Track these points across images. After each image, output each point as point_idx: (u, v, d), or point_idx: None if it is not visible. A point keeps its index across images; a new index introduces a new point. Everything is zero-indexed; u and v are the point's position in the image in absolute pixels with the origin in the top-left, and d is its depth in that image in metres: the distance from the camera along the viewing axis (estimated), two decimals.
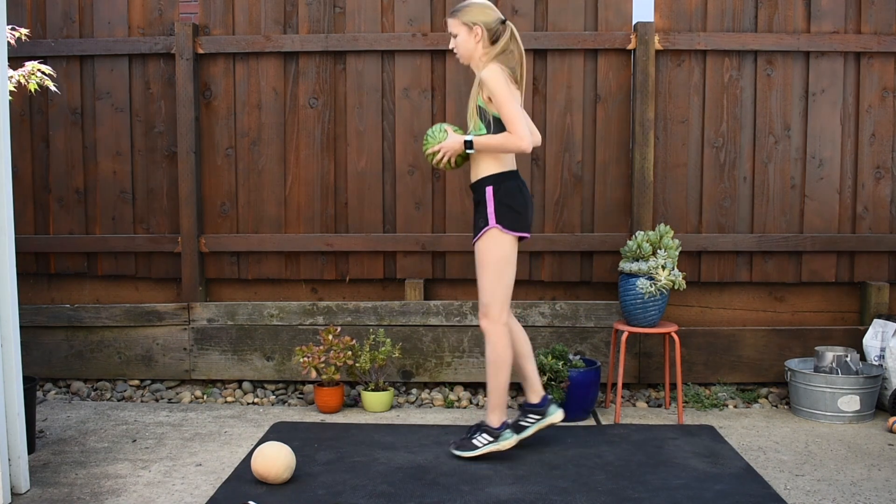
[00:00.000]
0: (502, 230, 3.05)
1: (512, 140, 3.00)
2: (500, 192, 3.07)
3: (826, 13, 4.04)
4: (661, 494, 2.79)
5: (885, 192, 4.10)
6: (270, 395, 4.13)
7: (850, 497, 2.81)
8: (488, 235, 3.07)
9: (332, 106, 4.18)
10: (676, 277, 3.61)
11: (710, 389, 4.06)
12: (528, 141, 2.99)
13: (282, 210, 4.23)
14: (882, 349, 3.86)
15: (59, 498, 2.79)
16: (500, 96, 2.98)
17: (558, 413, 3.28)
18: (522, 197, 3.12)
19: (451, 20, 3.12)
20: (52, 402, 4.05)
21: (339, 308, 4.13)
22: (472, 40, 3.09)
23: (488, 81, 2.99)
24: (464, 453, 3.14)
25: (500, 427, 3.15)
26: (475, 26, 3.07)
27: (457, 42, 3.12)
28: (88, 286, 4.39)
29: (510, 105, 2.98)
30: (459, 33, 3.10)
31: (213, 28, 4.19)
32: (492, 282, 3.08)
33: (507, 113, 2.98)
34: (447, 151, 3.13)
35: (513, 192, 3.09)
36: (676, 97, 4.09)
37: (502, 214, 3.05)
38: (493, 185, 3.08)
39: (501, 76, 3.00)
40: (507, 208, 3.06)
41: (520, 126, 2.98)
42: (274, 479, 2.86)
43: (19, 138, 4.26)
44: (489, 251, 3.08)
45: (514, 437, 3.16)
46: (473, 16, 3.08)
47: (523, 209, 3.11)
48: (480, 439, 3.14)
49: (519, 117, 2.99)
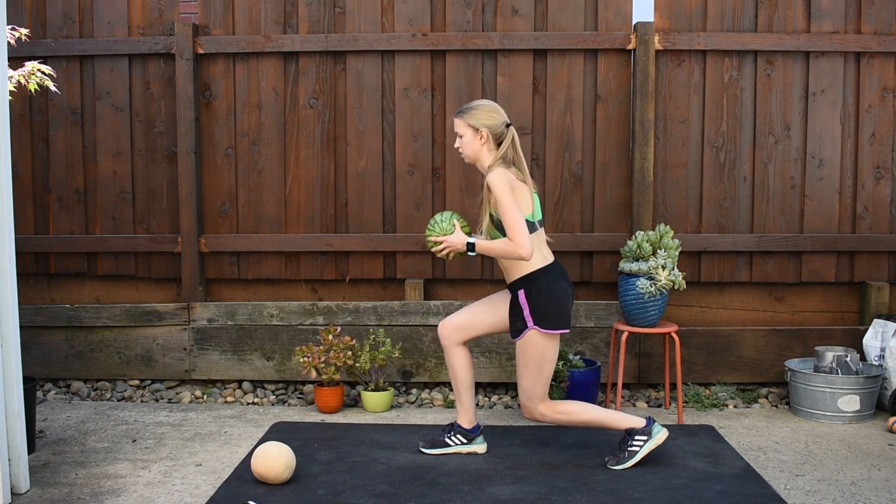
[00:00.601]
0: (541, 331, 3.04)
1: (512, 248, 2.97)
2: (532, 295, 3.04)
3: (826, 13, 4.04)
4: (661, 494, 2.79)
5: (885, 192, 4.10)
6: (270, 395, 4.13)
7: (850, 497, 2.81)
8: (527, 336, 3.05)
9: (332, 106, 4.18)
10: (676, 277, 3.61)
11: (710, 389, 4.06)
12: (529, 250, 2.96)
13: (282, 210, 4.23)
14: (882, 349, 3.86)
15: (59, 498, 2.79)
16: (504, 203, 2.97)
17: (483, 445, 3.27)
18: (555, 294, 3.06)
19: (457, 120, 3.15)
20: (52, 402, 4.05)
21: (339, 308, 4.13)
22: (477, 142, 3.11)
23: (493, 187, 2.99)
24: (627, 464, 3.07)
25: (648, 424, 3.10)
26: (481, 129, 3.09)
27: (462, 142, 3.15)
28: (88, 286, 4.39)
29: (512, 213, 2.97)
30: (465, 134, 3.12)
31: (213, 28, 4.19)
32: (534, 380, 3.08)
33: (509, 220, 2.97)
34: (449, 247, 3.13)
35: (545, 291, 3.05)
36: (676, 97, 4.09)
37: (539, 316, 3.03)
38: (525, 288, 3.06)
39: (505, 180, 2.99)
40: (542, 309, 3.03)
41: (520, 234, 2.95)
42: (274, 479, 2.86)
43: (19, 138, 4.26)
44: (528, 351, 3.06)
45: (663, 430, 3.10)
46: (479, 119, 3.09)
47: (559, 305, 3.07)
48: (635, 443, 3.08)
49: (521, 225, 2.96)
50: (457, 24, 4.10)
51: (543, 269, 3.08)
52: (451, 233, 3.13)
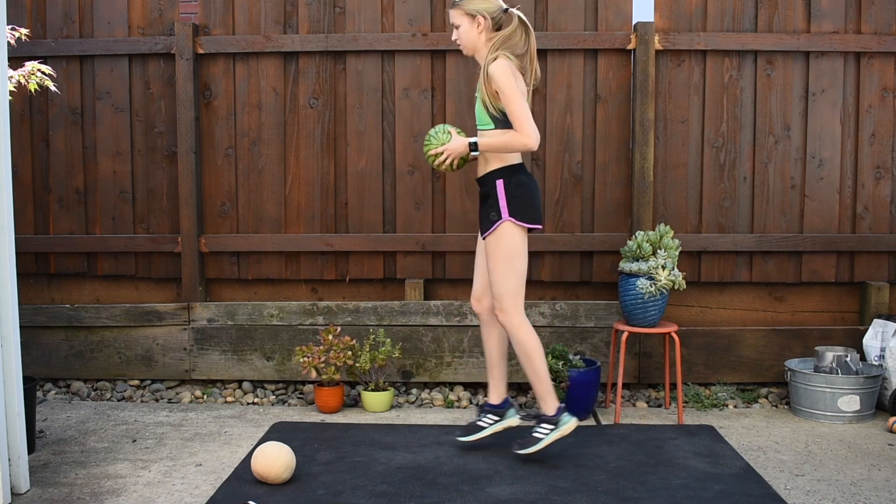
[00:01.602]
0: (515, 223, 3.02)
1: (519, 139, 2.95)
2: (510, 185, 3.03)
3: (826, 13, 4.04)
4: (661, 494, 2.79)
5: (885, 192, 4.10)
6: (270, 395, 4.13)
7: (850, 497, 2.81)
8: (501, 229, 3.02)
9: (332, 106, 4.18)
10: (676, 277, 3.61)
11: (710, 389, 4.06)
12: (536, 139, 2.94)
13: (282, 210, 4.23)
14: (882, 349, 3.86)
15: (59, 498, 2.79)
16: (508, 92, 2.92)
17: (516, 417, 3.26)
18: (533, 189, 3.10)
19: (452, 11, 3.08)
20: (52, 402, 4.05)
21: (339, 308, 4.13)
22: (475, 30, 3.04)
23: (495, 76, 2.93)
24: (530, 449, 3.06)
25: (557, 413, 3.09)
26: (477, 16, 3.03)
27: (459, 33, 3.07)
28: (88, 286, 4.39)
29: (518, 102, 2.93)
30: (461, 24, 3.05)
31: (213, 28, 4.19)
32: (505, 275, 3.04)
33: (515, 110, 2.93)
34: (450, 154, 3.08)
35: (524, 184, 3.06)
36: (676, 97, 4.09)
37: (515, 207, 3.02)
38: (504, 178, 3.04)
39: (509, 70, 2.94)
40: (520, 200, 3.02)
41: (527, 124, 2.93)
42: (274, 479, 2.86)
43: (19, 138, 4.26)
44: (501, 244, 3.03)
45: (573, 420, 3.08)
46: (475, 4, 3.03)
47: (535, 201, 3.08)
48: (541, 430, 3.08)
49: (527, 115, 2.94)
50: None
51: (520, 164, 3.09)
52: (448, 141, 3.10)
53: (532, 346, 3.08)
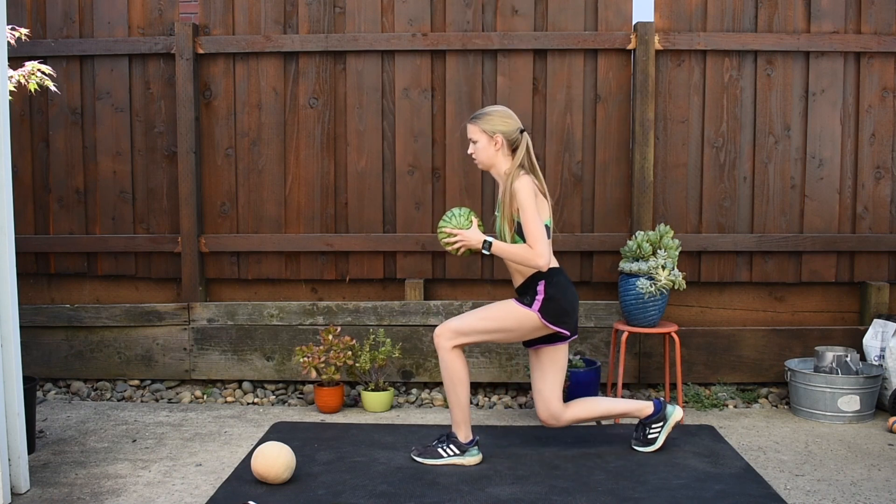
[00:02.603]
0: (539, 320, 3.04)
1: (531, 256, 2.98)
2: (551, 286, 3.05)
3: (826, 13, 4.04)
4: (661, 494, 2.79)
5: (885, 192, 4.10)
6: (270, 395, 4.13)
7: (850, 497, 2.81)
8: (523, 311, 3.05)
9: (332, 106, 4.18)
10: (676, 277, 3.61)
11: (710, 389, 4.06)
12: (547, 260, 2.98)
13: (282, 210, 4.23)
14: (882, 349, 3.86)
15: (59, 498, 2.79)
16: (528, 212, 2.98)
17: (678, 410, 3.26)
18: (572, 293, 3.11)
19: (471, 126, 3.13)
20: (52, 402, 4.05)
21: (339, 308, 4.13)
22: (492, 148, 3.10)
23: (518, 195, 3.00)
24: (427, 461, 3.10)
25: (468, 444, 3.11)
26: (495, 135, 3.08)
27: (476, 148, 3.13)
28: (88, 286, 4.39)
29: (535, 221, 2.98)
30: (479, 140, 3.11)
31: (213, 28, 4.19)
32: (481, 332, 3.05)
33: (532, 230, 2.98)
34: (463, 242, 3.10)
35: (564, 286, 3.08)
36: (676, 97, 4.09)
37: (549, 309, 3.04)
38: (546, 280, 3.06)
39: (531, 189, 3.01)
40: (557, 304, 3.05)
41: (541, 244, 2.97)
42: (274, 479, 2.86)
43: (19, 138, 4.26)
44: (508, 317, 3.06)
45: (478, 455, 3.11)
46: (494, 125, 3.08)
47: (571, 306, 3.10)
48: (446, 450, 3.10)
49: (543, 235, 2.98)
50: (457, 24, 4.10)
51: (559, 269, 3.12)
52: (467, 228, 3.11)
53: (461, 377, 3.08)
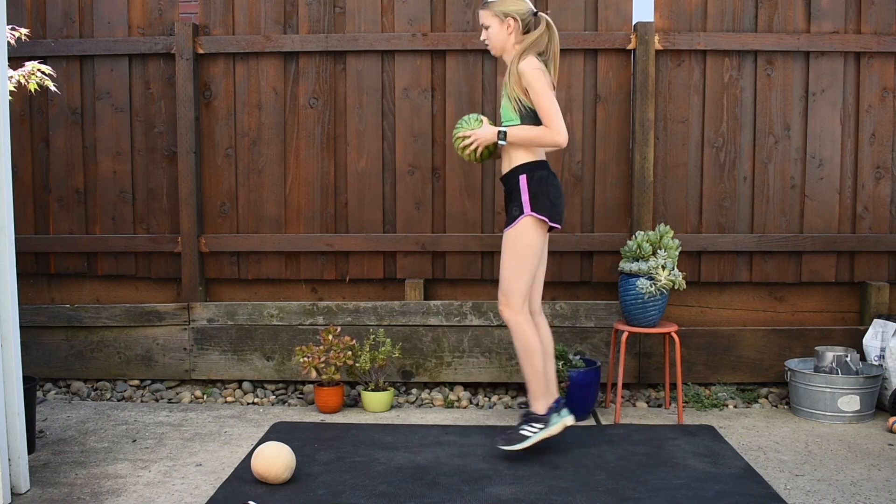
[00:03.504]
0: (536, 217, 3.05)
1: (549, 134, 2.99)
2: (533, 181, 3.06)
3: (826, 13, 4.04)
4: (661, 494, 2.79)
5: (885, 192, 4.10)
6: (270, 395, 4.13)
7: (850, 497, 2.81)
8: (521, 223, 3.06)
9: (332, 106, 4.18)
10: (676, 277, 3.61)
11: (710, 389, 4.06)
12: (565, 135, 2.99)
13: (282, 210, 4.23)
14: (882, 349, 3.86)
15: (59, 498, 2.79)
16: (540, 89, 2.97)
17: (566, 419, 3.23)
18: (555, 186, 3.12)
19: (482, 11, 3.12)
20: (52, 402, 4.05)
21: (339, 308, 4.13)
22: (504, 32, 3.09)
23: (527, 73, 2.98)
24: (515, 447, 3.08)
25: (547, 413, 3.12)
26: (507, 17, 3.07)
27: (488, 34, 3.12)
28: (88, 286, 4.39)
29: (549, 99, 2.98)
30: (491, 25, 3.10)
31: (213, 28, 4.19)
32: (516, 270, 3.08)
33: (546, 107, 2.97)
34: (478, 140, 3.12)
35: (546, 180, 3.09)
36: (676, 97, 4.09)
37: (537, 202, 3.05)
38: (527, 174, 3.07)
39: (539, 67, 3.00)
40: (542, 196, 3.06)
41: (557, 120, 2.98)
42: (274, 479, 2.86)
43: (19, 138, 4.26)
44: (519, 239, 3.07)
45: (560, 420, 3.12)
46: (505, 6, 3.08)
47: (556, 199, 3.11)
48: (529, 428, 3.10)
49: (557, 111, 2.99)
50: (457, 24, 4.11)
51: (543, 161, 3.12)
52: (478, 128, 3.13)
53: (532, 345, 3.11)
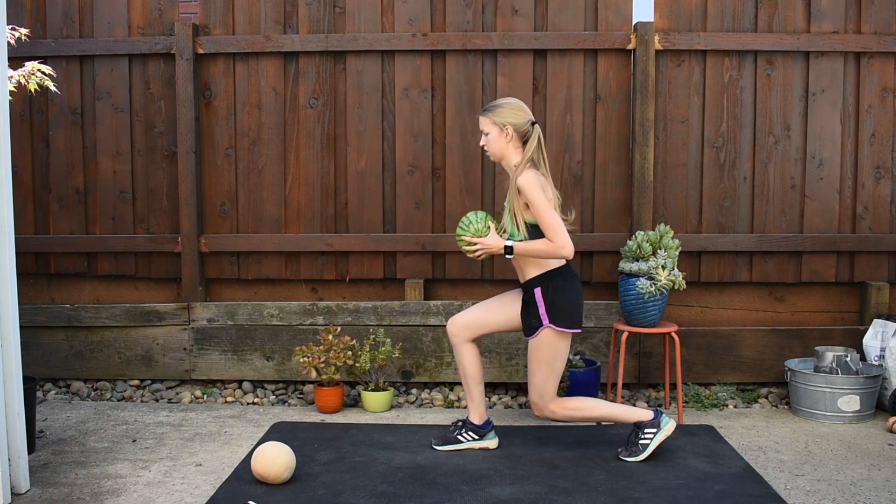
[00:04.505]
0: (556, 329, 3.07)
1: (553, 248, 3.00)
2: (548, 293, 3.07)
3: (826, 13, 4.04)
4: (661, 494, 2.79)
5: (885, 192, 4.10)
6: (270, 395, 4.13)
7: (850, 497, 2.81)
8: (542, 335, 3.08)
9: (332, 106, 4.18)
10: (676, 277, 3.61)
11: (710, 389, 4.06)
12: (571, 249, 2.99)
13: (282, 210, 4.23)
14: (882, 349, 3.86)
15: (59, 498, 2.79)
16: (539, 205, 2.99)
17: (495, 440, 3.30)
18: (571, 293, 3.10)
19: (482, 118, 3.15)
20: (52, 402, 4.05)
21: (339, 308, 4.13)
22: (503, 140, 3.12)
23: (526, 189, 3.00)
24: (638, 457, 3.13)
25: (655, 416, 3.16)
26: (506, 127, 3.10)
27: (488, 140, 3.15)
28: (88, 286, 4.39)
29: (550, 213, 2.99)
30: (491, 132, 3.13)
31: (213, 28, 4.19)
32: (546, 378, 3.12)
33: (548, 222, 2.98)
34: (485, 249, 3.13)
35: (561, 290, 3.08)
36: (676, 97, 4.09)
37: (554, 314, 3.06)
38: (542, 286, 3.08)
39: (537, 182, 3.01)
40: (558, 307, 3.06)
41: (561, 235, 2.98)
42: (274, 479, 2.86)
43: (19, 138, 4.26)
44: (542, 349, 3.09)
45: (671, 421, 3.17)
46: (504, 117, 3.10)
47: (574, 306, 3.10)
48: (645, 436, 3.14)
49: (560, 225, 2.99)
50: (457, 24, 4.11)
51: (559, 269, 3.12)
52: (485, 234, 3.14)
53: (583, 409, 3.17)
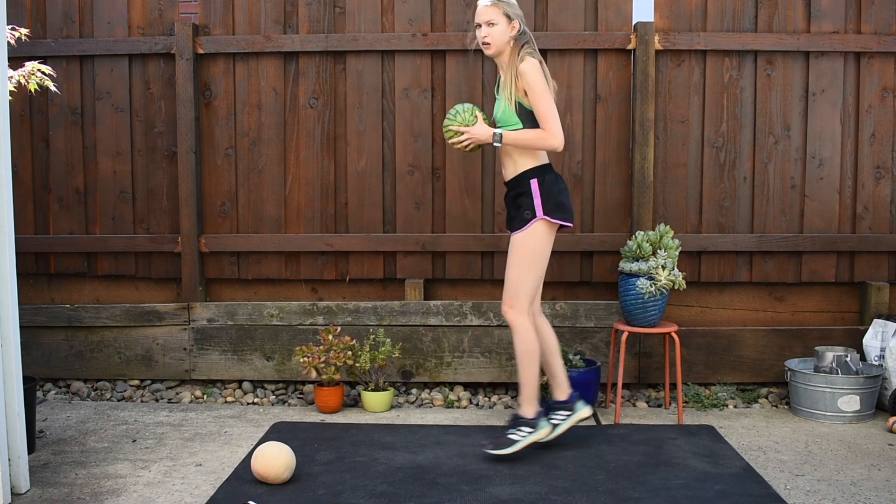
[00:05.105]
0: (550, 220, 3.06)
1: (545, 138, 2.99)
2: (545, 184, 3.06)
3: (826, 13, 4.04)
4: (661, 494, 2.79)
5: (885, 192, 4.10)
6: (270, 395, 4.13)
7: (850, 497, 2.81)
8: (532, 227, 3.06)
9: (332, 106, 4.18)
10: (676, 277, 3.61)
11: (710, 389, 4.06)
12: (561, 139, 2.99)
13: (282, 210, 4.23)
14: (882, 349, 3.86)
15: (59, 498, 2.79)
16: (539, 91, 2.97)
17: (586, 409, 3.27)
18: (564, 188, 3.14)
19: (489, 8, 3.07)
20: (52, 402, 4.05)
21: (339, 308, 4.13)
22: (508, 32, 3.07)
23: (528, 74, 2.97)
24: (504, 451, 3.09)
25: (535, 417, 3.14)
26: (514, 19, 3.07)
27: (493, 31, 3.06)
28: (88, 286, 4.39)
29: (548, 102, 2.97)
30: (499, 23, 3.06)
31: (213, 28, 4.19)
32: (524, 273, 3.08)
33: (544, 110, 2.97)
34: (472, 138, 3.10)
35: (555, 183, 3.10)
36: (676, 97, 4.09)
37: (550, 206, 3.06)
38: (538, 178, 3.07)
39: (540, 69, 2.99)
40: (554, 199, 3.06)
41: (554, 123, 2.98)
42: (274, 479, 2.86)
43: (19, 138, 4.26)
44: (529, 242, 3.08)
45: (549, 425, 3.14)
46: (515, 9, 3.07)
47: (567, 200, 3.13)
48: (518, 433, 3.12)
49: (555, 114, 2.99)
50: (457, 24, 4.10)
51: (550, 164, 3.14)
52: (473, 123, 3.10)
53: (533, 349, 3.12)
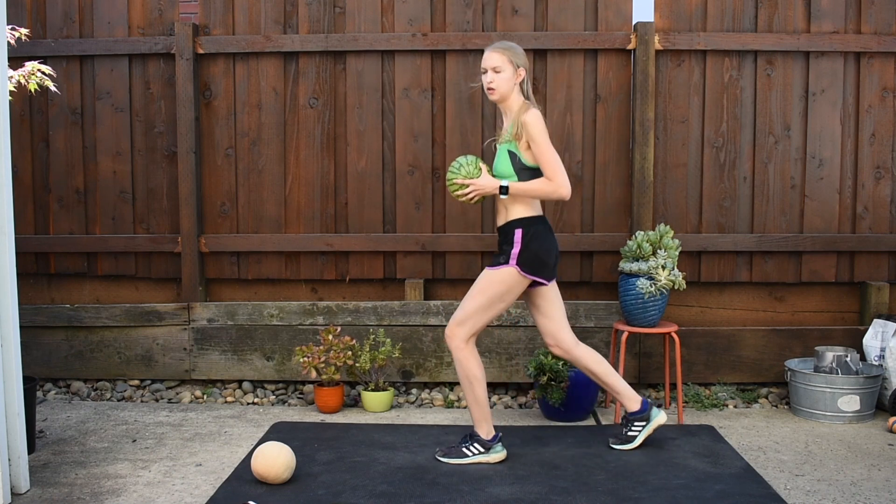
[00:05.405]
0: (519, 273, 3.03)
1: (552, 188, 2.99)
2: (527, 236, 3.04)
3: (826, 13, 4.04)
4: (661, 494, 2.79)
5: (885, 192, 4.10)
6: (270, 395, 4.13)
7: (850, 497, 2.81)
8: (503, 271, 3.04)
9: (332, 106, 4.18)
10: (676, 277, 3.61)
11: (710, 389, 4.06)
12: (569, 189, 2.99)
13: (282, 210, 4.23)
14: (882, 349, 3.86)
15: (59, 498, 2.79)
16: (543, 143, 2.98)
17: (661, 415, 3.26)
18: (548, 245, 3.08)
19: (496, 54, 3.05)
20: (52, 402, 4.05)
21: (339, 308, 4.13)
22: (514, 81, 3.08)
23: (532, 126, 2.98)
24: (452, 460, 3.11)
25: (491, 440, 3.13)
26: (520, 69, 3.07)
27: (499, 78, 3.05)
28: (88, 286, 4.39)
29: (551, 151, 2.98)
30: (505, 70, 3.05)
31: (213, 28, 4.19)
32: (479, 309, 3.06)
33: (549, 161, 2.98)
34: (478, 191, 3.08)
35: (541, 236, 3.06)
36: (676, 97, 4.09)
37: (524, 259, 3.03)
38: (523, 229, 3.05)
39: (543, 123, 3.01)
40: (531, 253, 3.03)
41: (560, 173, 2.98)
42: (274, 479, 2.86)
43: (19, 138, 4.26)
44: (493, 284, 3.05)
45: (503, 451, 3.14)
46: (520, 58, 3.08)
47: (547, 255, 3.07)
48: (471, 449, 3.12)
49: (560, 165, 2.99)
50: (457, 24, 4.11)
51: (541, 216, 3.12)
52: (477, 176, 3.08)
53: (475, 373, 3.09)
